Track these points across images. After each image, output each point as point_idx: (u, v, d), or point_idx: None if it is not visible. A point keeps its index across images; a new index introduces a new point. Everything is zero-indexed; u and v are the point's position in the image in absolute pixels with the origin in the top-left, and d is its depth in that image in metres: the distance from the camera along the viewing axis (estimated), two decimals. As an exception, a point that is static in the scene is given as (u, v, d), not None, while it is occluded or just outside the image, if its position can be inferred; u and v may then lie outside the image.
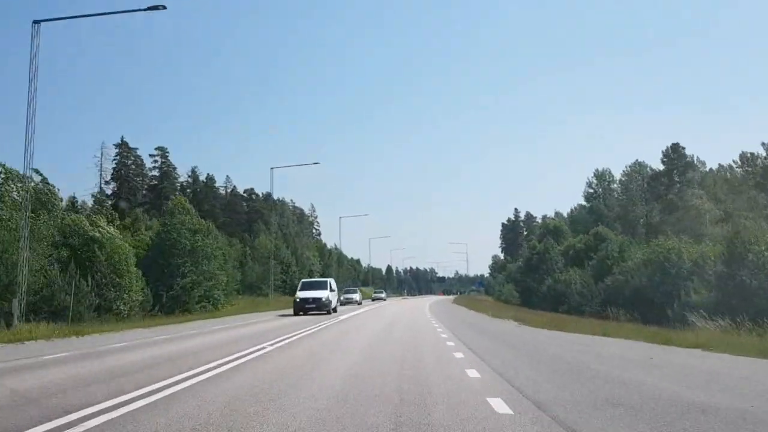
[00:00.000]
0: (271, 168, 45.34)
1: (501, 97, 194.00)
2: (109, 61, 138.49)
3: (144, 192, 74.96)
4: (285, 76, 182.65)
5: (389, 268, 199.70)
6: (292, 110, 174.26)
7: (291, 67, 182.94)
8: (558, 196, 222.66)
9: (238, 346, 13.48)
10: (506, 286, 65.41)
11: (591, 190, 73.32)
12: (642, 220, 57.39)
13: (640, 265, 33.82)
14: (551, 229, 61.77)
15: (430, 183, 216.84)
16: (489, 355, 11.39)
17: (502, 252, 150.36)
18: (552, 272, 50.29)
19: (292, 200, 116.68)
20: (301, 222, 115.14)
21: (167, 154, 75.67)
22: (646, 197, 62.17)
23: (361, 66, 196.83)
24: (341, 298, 46.95)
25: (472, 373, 8.87)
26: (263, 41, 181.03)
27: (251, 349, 12.53)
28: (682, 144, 55.79)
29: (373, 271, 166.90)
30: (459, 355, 11.57)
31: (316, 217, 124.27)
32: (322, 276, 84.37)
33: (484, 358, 10.82)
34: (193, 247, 38.27)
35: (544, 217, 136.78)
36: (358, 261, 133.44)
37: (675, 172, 52.67)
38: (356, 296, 54.06)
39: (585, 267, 47.27)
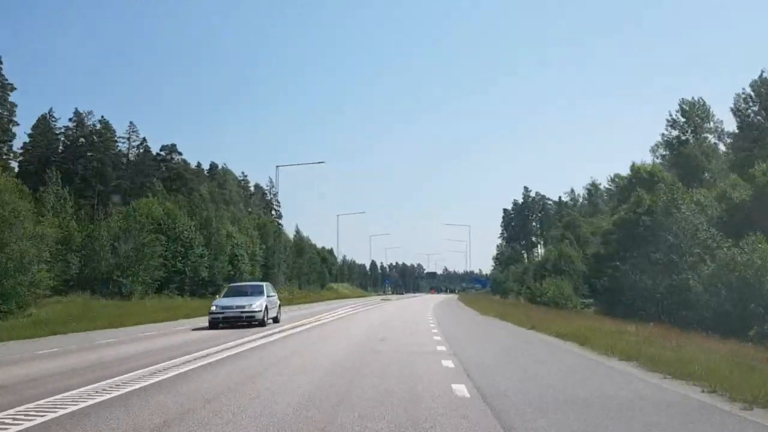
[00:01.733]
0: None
1: (503, 80, 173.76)
2: None
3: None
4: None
5: (373, 264, 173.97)
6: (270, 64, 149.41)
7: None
8: (560, 182, 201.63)
9: None
10: (549, 281, 39.41)
11: (675, 132, 47.22)
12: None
13: None
14: (644, 178, 35.21)
15: (415, 170, 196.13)
16: None
17: (505, 242, 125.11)
18: (682, 250, 24.25)
19: (243, 172, 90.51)
20: (250, 199, 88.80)
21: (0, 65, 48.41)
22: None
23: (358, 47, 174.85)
24: None
25: None
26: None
27: None
28: None
29: (351, 266, 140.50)
30: None
31: (275, 194, 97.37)
32: (265, 266, 58.03)
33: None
34: None
35: (559, 201, 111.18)
36: (330, 251, 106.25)
37: None
38: None
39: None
